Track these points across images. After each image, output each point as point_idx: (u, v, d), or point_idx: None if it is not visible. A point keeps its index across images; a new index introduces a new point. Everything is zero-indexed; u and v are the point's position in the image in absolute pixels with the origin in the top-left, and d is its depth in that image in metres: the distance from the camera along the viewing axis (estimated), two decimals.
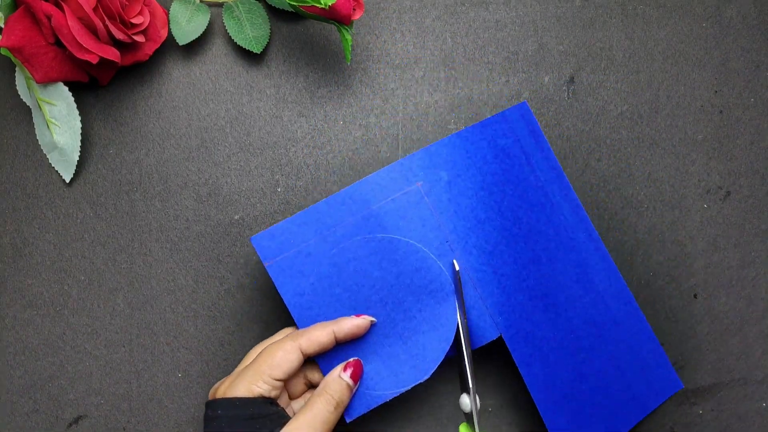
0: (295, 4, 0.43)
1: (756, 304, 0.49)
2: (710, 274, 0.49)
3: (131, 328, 0.47)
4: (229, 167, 0.48)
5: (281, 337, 0.42)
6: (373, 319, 0.42)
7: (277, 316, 0.48)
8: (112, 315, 0.47)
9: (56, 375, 0.47)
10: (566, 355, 0.44)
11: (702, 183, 0.50)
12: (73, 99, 0.45)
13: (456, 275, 0.41)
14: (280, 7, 0.48)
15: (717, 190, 0.50)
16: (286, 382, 0.40)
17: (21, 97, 0.46)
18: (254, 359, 0.40)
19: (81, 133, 0.46)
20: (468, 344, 0.41)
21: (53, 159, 0.47)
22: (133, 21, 0.44)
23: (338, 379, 0.40)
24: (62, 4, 0.41)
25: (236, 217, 0.48)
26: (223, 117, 0.49)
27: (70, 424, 0.46)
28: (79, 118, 0.46)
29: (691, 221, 0.49)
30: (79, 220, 0.48)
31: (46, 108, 0.45)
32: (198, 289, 0.48)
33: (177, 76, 0.49)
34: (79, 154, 0.46)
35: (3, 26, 0.43)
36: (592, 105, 0.50)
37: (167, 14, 0.47)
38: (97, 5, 0.42)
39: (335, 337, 0.40)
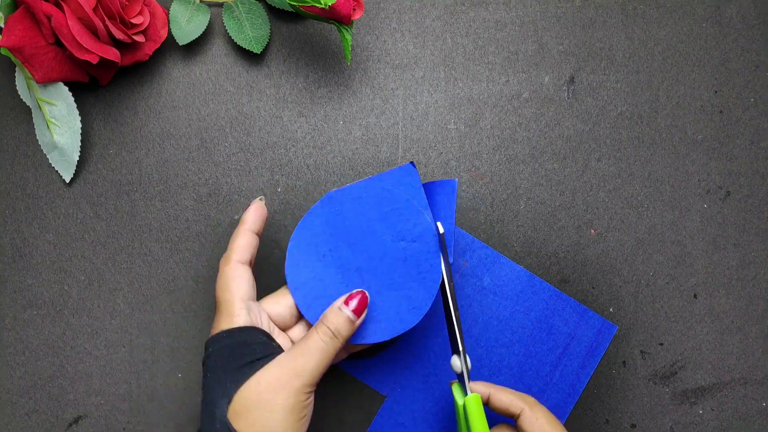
0: (295, 4, 0.43)
1: (756, 304, 0.49)
2: (710, 274, 0.49)
3: (131, 328, 0.47)
4: (229, 167, 0.48)
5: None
6: (261, 196, 0.44)
7: None
8: (112, 315, 0.47)
9: (56, 375, 0.47)
10: (490, 349, 0.47)
11: (702, 183, 0.50)
12: (73, 99, 0.45)
13: (440, 237, 0.41)
14: (280, 7, 0.48)
15: (717, 190, 0.50)
16: (265, 306, 0.41)
17: (21, 97, 0.46)
18: (216, 300, 0.40)
19: (81, 133, 0.46)
20: (455, 305, 0.41)
21: (53, 159, 0.47)
22: (133, 21, 0.44)
23: (338, 311, 0.39)
24: (62, 4, 0.41)
25: (236, 217, 0.48)
26: (223, 117, 0.49)
27: (70, 424, 0.46)
28: (79, 118, 0.46)
29: (691, 221, 0.49)
30: (79, 220, 0.48)
31: (46, 108, 0.45)
32: (198, 289, 0.47)
33: (177, 76, 0.49)
34: (79, 154, 0.46)
35: (3, 26, 0.43)
36: (592, 105, 0.50)
37: (167, 14, 0.47)
38: (97, 5, 0.42)
39: (253, 233, 0.41)
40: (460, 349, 0.40)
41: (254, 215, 0.41)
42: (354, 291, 0.40)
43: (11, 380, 0.47)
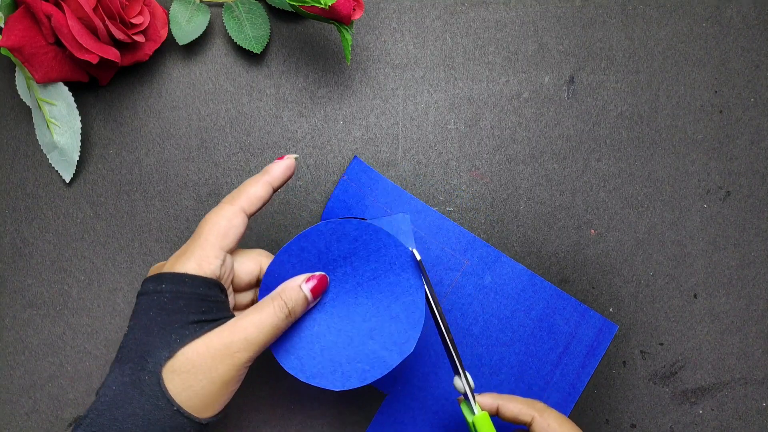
0: (295, 4, 0.43)
1: (756, 304, 0.49)
2: (710, 274, 0.49)
3: None
4: (229, 167, 0.48)
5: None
6: (296, 155, 0.39)
7: None
8: (112, 315, 0.47)
9: (56, 375, 0.47)
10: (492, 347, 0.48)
11: (702, 183, 0.50)
12: (73, 99, 0.45)
13: (419, 264, 0.39)
14: (280, 7, 0.48)
15: (717, 190, 0.50)
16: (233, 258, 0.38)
17: (21, 97, 0.46)
18: (196, 232, 0.36)
19: (81, 133, 0.46)
20: (447, 328, 0.39)
21: (53, 159, 0.47)
22: (133, 21, 0.44)
23: (297, 288, 0.37)
24: (62, 4, 0.41)
25: None
26: (223, 117, 0.49)
27: (70, 424, 0.46)
28: (79, 118, 0.46)
29: (691, 221, 0.49)
30: (79, 220, 0.48)
31: (46, 108, 0.45)
32: None
33: (177, 76, 0.49)
34: (79, 154, 0.46)
35: (3, 26, 0.43)
36: (592, 105, 0.50)
37: (167, 14, 0.47)
38: (97, 5, 0.42)
39: (272, 187, 0.38)
40: (460, 371, 0.39)
41: (280, 171, 0.38)
42: (318, 273, 0.38)
43: (11, 380, 0.47)
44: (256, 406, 0.47)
